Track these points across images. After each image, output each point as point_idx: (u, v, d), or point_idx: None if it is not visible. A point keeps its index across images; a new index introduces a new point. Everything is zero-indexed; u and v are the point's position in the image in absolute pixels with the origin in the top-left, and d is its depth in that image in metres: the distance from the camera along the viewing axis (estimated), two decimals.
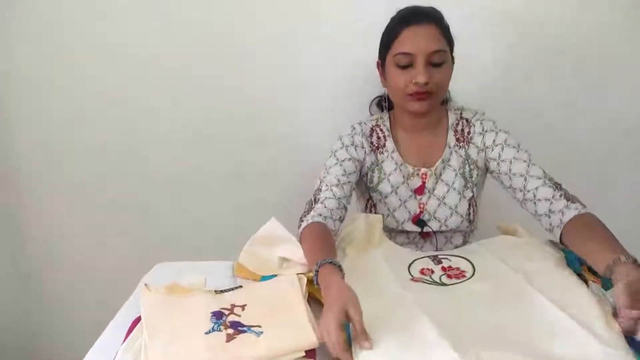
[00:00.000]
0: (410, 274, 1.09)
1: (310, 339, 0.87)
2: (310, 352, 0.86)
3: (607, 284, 0.98)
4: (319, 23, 1.62)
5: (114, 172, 1.79)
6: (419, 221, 1.31)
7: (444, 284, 1.04)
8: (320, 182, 1.26)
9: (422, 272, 1.09)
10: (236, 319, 0.94)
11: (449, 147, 1.32)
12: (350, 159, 1.29)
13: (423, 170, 1.31)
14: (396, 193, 1.32)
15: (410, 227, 1.31)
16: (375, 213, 1.33)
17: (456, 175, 1.31)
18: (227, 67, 1.67)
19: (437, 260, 1.14)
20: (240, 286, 1.06)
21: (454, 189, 1.30)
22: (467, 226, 1.32)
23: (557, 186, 1.16)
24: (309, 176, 1.42)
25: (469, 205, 1.31)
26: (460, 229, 1.33)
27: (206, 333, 0.90)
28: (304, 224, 1.16)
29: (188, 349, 0.87)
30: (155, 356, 0.85)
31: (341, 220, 1.23)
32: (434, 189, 1.31)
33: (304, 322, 0.91)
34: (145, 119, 1.74)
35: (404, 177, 1.32)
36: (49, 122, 1.75)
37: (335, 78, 1.66)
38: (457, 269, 1.10)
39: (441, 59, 1.20)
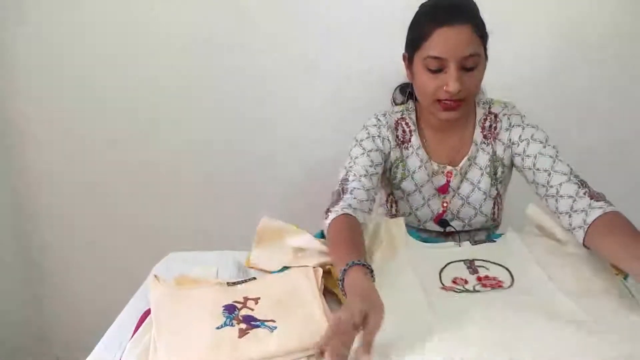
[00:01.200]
0: (442, 282, 1.00)
1: None
2: None
3: None
4: (325, 10, 1.57)
5: (124, 162, 1.78)
6: (441, 221, 1.25)
7: (477, 292, 0.96)
8: (347, 172, 1.17)
9: (454, 281, 1.00)
10: (249, 312, 0.89)
11: (476, 145, 1.24)
12: (377, 150, 1.21)
13: (448, 168, 1.24)
14: (420, 192, 1.25)
15: (432, 226, 1.26)
16: (397, 210, 1.28)
17: (482, 174, 1.24)
18: (231, 56, 1.65)
19: (472, 268, 1.04)
20: (254, 278, 1.01)
21: (479, 188, 1.24)
22: (491, 224, 1.27)
23: (583, 183, 1.08)
24: (312, 170, 1.39)
25: (494, 204, 1.25)
26: (484, 227, 1.27)
27: (217, 328, 0.85)
28: (332, 215, 1.06)
29: (198, 345, 0.82)
30: (163, 353, 0.81)
31: (370, 212, 1.15)
32: (458, 188, 1.25)
33: (320, 317, 0.86)
34: (154, 110, 1.73)
35: (428, 175, 1.25)
36: (59, 115, 1.74)
37: (339, 69, 1.61)
38: (494, 278, 1.01)
39: (475, 62, 1.09)
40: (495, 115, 1.24)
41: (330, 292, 0.99)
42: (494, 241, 1.16)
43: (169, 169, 1.78)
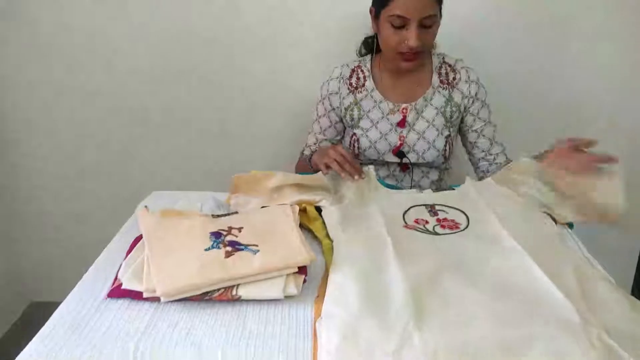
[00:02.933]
0: (405, 221, 1.13)
1: (303, 256, 0.93)
2: (302, 269, 0.93)
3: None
4: None
5: (105, 109, 1.82)
6: (398, 152, 1.41)
7: (436, 234, 1.08)
8: (308, 139, 1.53)
9: (416, 221, 1.13)
10: (234, 238, 1.00)
11: (433, 87, 1.42)
12: (326, 113, 1.48)
13: (404, 105, 1.41)
14: (376, 127, 1.42)
15: (391, 157, 1.43)
16: (359, 147, 1.43)
17: (437, 113, 1.42)
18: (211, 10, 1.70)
19: (433, 211, 1.17)
20: (236, 212, 1.11)
21: (433, 125, 1.41)
22: (442, 162, 1.44)
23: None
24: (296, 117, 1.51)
25: (446, 142, 1.42)
26: (435, 165, 1.44)
27: (206, 250, 0.95)
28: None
29: (188, 264, 0.92)
30: (156, 269, 0.90)
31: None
32: (414, 124, 1.42)
33: (297, 243, 0.97)
34: (135, 62, 1.76)
35: (383, 113, 1.42)
36: (37, 69, 1.76)
37: (323, 20, 1.70)
38: (452, 220, 1.13)
39: (432, 21, 1.28)
40: (450, 66, 1.43)
41: (305, 228, 1.11)
42: (453, 189, 1.29)
43: (152, 115, 1.83)
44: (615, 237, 1.85)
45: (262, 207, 1.14)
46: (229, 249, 0.96)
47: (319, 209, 1.14)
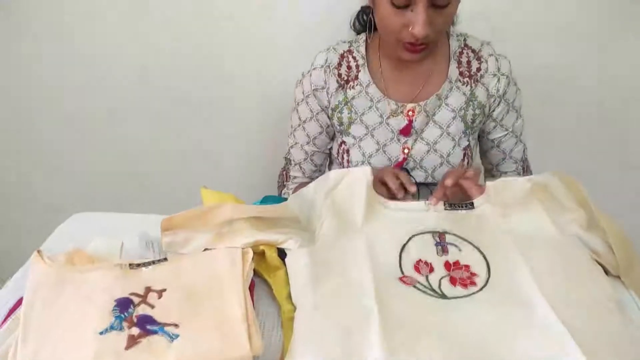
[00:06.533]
0: (401, 269, 0.79)
1: (242, 351, 0.62)
2: None
3: None
4: None
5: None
6: (401, 170, 1.04)
7: (443, 296, 0.75)
8: (288, 153, 1.15)
9: (417, 266, 0.80)
10: (148, 311, 0.69)
11: (450, 82, 1.04)
12: (317, 112, 1.09)
13: (410, 106, 1.04)
14: (372, 136, 1.05)
15: None
16: (349, 160, 1.07)
17: (454, 117, 1.04)
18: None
19: (442, 244, 0.83)
20: (165, 259, 0.79)
21: (448, 133, 1.05)
22: None
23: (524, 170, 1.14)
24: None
25: (464, 155, 1.06)
26: None
27: (101, 333, 0.65)
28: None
29: (71, 356, 0.62)
30: None
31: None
32: (422, 131, 1.05)
33: (237, 318, 0.66)
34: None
35: (382, 116, 1.05)
36: None
37: None
38: (467, 268, 0.80)
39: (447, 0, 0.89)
40: (474, 52, 1.05)
41: (260, 277, 0.80)
42: (471, 206, 0.92)
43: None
44: None
45: (206, 249, 0.82)
46: (135, 331, 0.66)
47: (283, 254, 0.82)
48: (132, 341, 0.64)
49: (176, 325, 0.66)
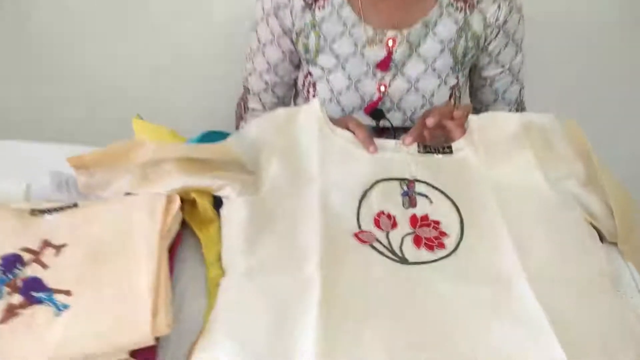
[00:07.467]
0: (358, 223, 0.66)
1: (140, 334, 0.50)
2: (143, 352, 0.51)
3: None
4: None
5: None
6: (375, 111, 0.88)
7: (404, 260, 0.63)
8: (246, 80, 0.97)
9: (377, 221, 0.66)
10: (38, 273, 0.56)
11: (440, 6, 0.86)
12: (275, 39, 0.91)
13: (390, 33, 0.85)
14: (343, 68, 0.88)
15: (362, 118, 0.88)
16: (315, 96, 0.90)
17: (443, 50, 0.87)
18: None
19: (409, 196, 0.70)
20: (75, 204, 0.66)
21: (434, 69, 0.88)
22: None
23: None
24: None
25: (451, 96, 0.90)
26: None
27: None
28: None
29: None
30: None
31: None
32: (403, 65, 0.88)
33: (141, 295, 0.54)
34: None
35: (356, 44, 0.86)
36: None
37: None
38: (436, 226, 0.67)
39: None
40: None
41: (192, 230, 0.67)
42: (449, 150, 0.76)
43: None
44: None
45: (127, 194, 0.69)
46: (17, 299, 0.54)
47: (219, 203, 0.69)
48: (10, 313, 0.52)
49: (68, 293, 0.54)
